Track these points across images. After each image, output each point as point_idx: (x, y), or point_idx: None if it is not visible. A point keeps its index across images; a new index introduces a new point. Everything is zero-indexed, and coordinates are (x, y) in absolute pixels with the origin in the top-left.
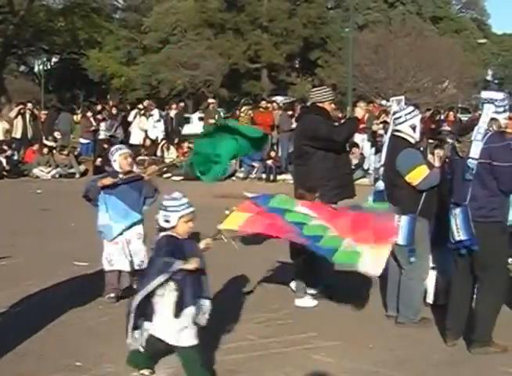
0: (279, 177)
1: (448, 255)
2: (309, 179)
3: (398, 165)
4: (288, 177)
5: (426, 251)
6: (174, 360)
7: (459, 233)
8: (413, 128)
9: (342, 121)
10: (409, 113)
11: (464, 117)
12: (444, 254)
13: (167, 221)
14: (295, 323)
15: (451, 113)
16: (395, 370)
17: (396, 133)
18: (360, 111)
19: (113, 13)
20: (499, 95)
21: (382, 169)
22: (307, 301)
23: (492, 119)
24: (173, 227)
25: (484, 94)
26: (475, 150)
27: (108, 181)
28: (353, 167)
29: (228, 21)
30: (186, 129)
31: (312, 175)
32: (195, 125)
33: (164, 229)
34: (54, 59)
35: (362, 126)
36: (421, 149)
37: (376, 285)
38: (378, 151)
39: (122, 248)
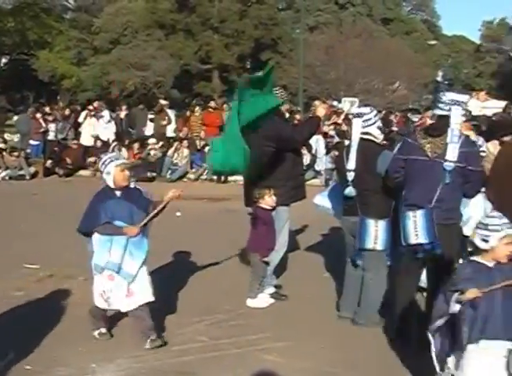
0: (230, 178)
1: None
2: (268, 180)
3: (380, 169)
4: (239, 178)
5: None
6: (126, 363)
7: (417, 235)
8: (380, 129)
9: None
10: (376, 114)
11: (415, 118)
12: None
13: (484, 240)
14: (247, 324)
15: (398, 114)
16: (348, 370)
17: (365, 136)
18: (322, 110)
19: (64, 14)
20: (465, 98)
21: (352, 174)
22: (259, 302)
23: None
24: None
25: (453, 96)
26: (452, 153)
27: (136, 230)
28: (304, 167)
29: (180, 22)
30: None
31: (271, 176)
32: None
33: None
34: (4, 60)
35: None
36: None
37: (329, 286)
38: (328, 152)
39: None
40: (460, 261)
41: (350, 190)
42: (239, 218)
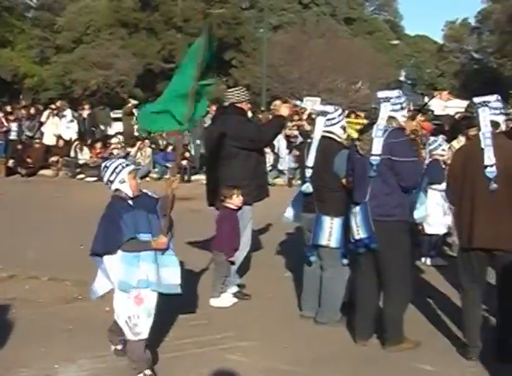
0: (193, 177)
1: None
2: (232, 179)
3: (336, 167)
4: (202, 177)
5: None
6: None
7: (358, 231)
8: (343, 128)
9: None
10: (341, 114)
11: None
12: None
13: None
14: (210, 324)
15: (360, 113)
16: (311, 368)
17: (327, 134)
18: (285, 110)
19: (26, 12)
20: (394, 93)
21: (310, 171)
22: (222, 302)
23: (390, 117)
24: None
25: (380, 94)
26: (377, 146)
27: (165, 240)
28: (270, 167)
29: (143, 21)
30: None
31: (236, 175)
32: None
33: None
34: None
35: None
36: None
37: (292, 285)
38: (292, 151)
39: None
40: (426, 261)
41: (307, 186)
42: (202, 217)
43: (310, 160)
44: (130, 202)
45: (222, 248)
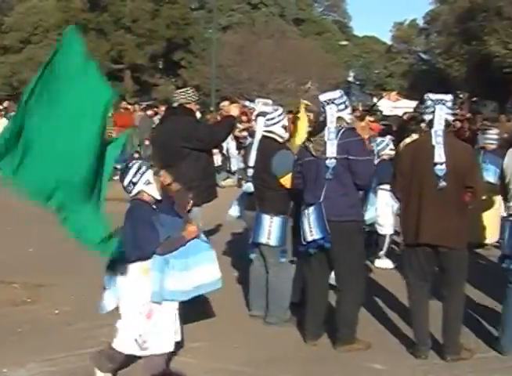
0: None
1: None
2: (182, 181)
3: (274, 167)
4: None
5: (291, 251)
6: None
7: (312, 232)
8: (285, 128)
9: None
10: (281, 113)
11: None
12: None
13: None
14: None
15: (311, 114)
16: (261, 368)
17: (267, 134)
18: (235, 110)
19: None
20: (337, 94)
21: (251, 170)
22: None
23: (338, 118)
24: None
25: (323, 97)
26: (331, 149)
27: (195, 228)
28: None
29: (91, 21)
30: None
31: (187, 177)
32: None
33: None
34: None
35: None
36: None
37: (242, 285)
38: (241, 152)
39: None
40: (378, 261)
41: (248, 186)
42: None
43: (251, 160)
44: (153, 205)
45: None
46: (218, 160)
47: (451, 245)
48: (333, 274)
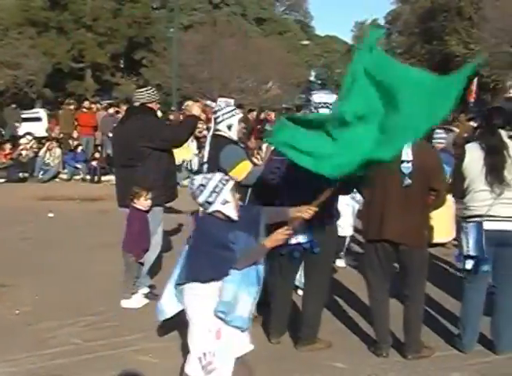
0: (103, 178)
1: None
2: (145, 180)
3: (222, 162)
4: (112, 178)
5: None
6: None
7: (295, 235)
8: (229, 127)
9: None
10: (227, 113)
11: None
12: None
13: None
14: (121, 325)
15: (272, 112)
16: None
17: (217, 132)
18: (197, 109)
19: None
20: (333, 98)
21: (206, 167)
22: (133, 303)
23: None
24: None
25: (319, 97)
26: None
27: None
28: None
29: (52, 20)
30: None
31: (149, 176)
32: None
33: None
34: None
35: None
36: (242, 146)
37: None
38: (201, 151)
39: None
40: (339, 261)
41: None
42: (112, 218)
43: (205, 157)
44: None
45: (131, 249)
46: (178, 159)
47: (413, 244)
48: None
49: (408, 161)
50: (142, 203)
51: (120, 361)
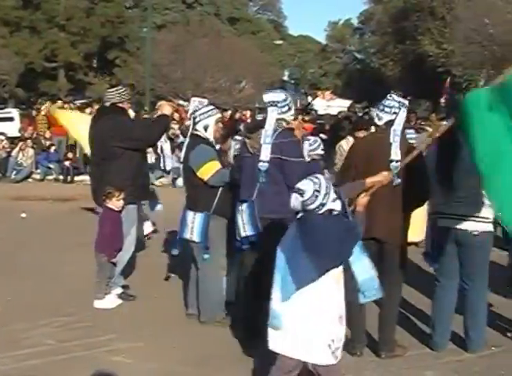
0: (76, 178)
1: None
2: (117, 180)
3: (190, 160)
4: (86, 178)
5: (222, 249)
6: None
7: (245, 228)
8: (205, 127)
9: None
10: (204, 113)
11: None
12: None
13: None
14: (95, 326)
15: (247, 112)
16: (197, 367)
17: (194, 132)
18: (168, 108)
19: None
20: (281, 97)
21: (182, 167)
22: (107, 303)
23: (278, 119)
24: None
25: (267, 97)
26: (265, 152)
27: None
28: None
29: (24, 19)
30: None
31: (120, 176)
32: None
33: None
34: None
35: None
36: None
37: (177, 285)
38: (174, 151)
39: None
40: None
41: (179, 182)
42: (85, 218)
43: (181, 157)
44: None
45: (103, 249)
46: (151, 158)
47: (397, 243)
48: None
49: (397, 161)
50: (115, 203)
51: (93, 362)
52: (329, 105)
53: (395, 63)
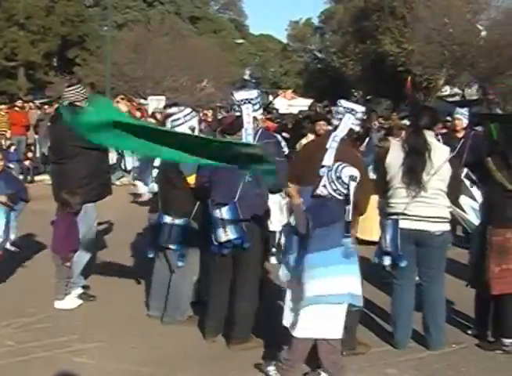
0: (36, 178)
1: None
2: (73, 179)
3: (182, 168)
4: (46, 177)
5: (196, 254)
6: None
7: (227, 232)
8: (192, 129)
9: None
10: (188, 114)
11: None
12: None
13: None
14: (55, 327)
15: (208, 111)
16: (158, 368)
17: None
18: (124, 107)
19: None
20: (253, 94)
21: (156, 171)
22: (67, 304)
23: (254, 118)
24: None
25: (240, 95)
26: None
27: None
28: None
29: None
30: None
31: (77, 175)
32: None
33: None
34: None
35: None
36: None
37: (138, 285)
38: None
39: None
40: (271, 258)
41: (152, 186)
42: (46, 218)
43: (156, 161)
44: None
45: (58, 251)
46: (112, 158)
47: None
48: None
49: (328, 166)
50: (70, 207)
51: (54, 363)
52: (291, 104)
53: (356, 62)
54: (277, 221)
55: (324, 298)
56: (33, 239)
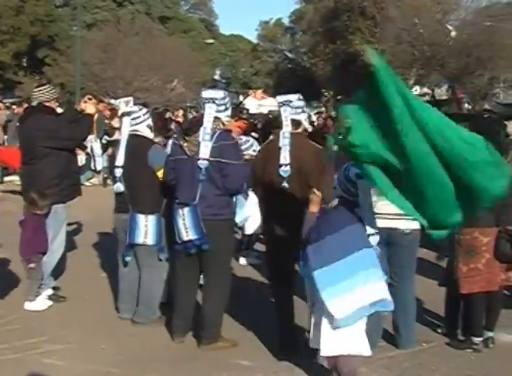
0: (6, 178)
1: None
2: (43, 179)
3: (151, 159)
4: (16, 178)
5: (166, 251)
6: None
7: (187, 232)
8: (150, 127)
9: None
10: (146, 113)
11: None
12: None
13: None
14: (24, 328)
15: (179, 111)
16: (128, 369)
17: (135, 132)
18: (92, 107)
19: None
20: (220, 94)
21: (119, 170)
22: (37, 305)
23: (215, 118)
24: None
25: (205, 94)
26: (205, 150)
27: None
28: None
29: None
30: None
31: (46, 175)
32: None
33: None
34: None
35: None
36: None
37: (108, 286)
38: (105, 151)
39: None
40: (241, 260)
41: (118, 186)
42: (15, 219)
43: (119, 160)
44: None
45: (25, 253)
46: (82, 159)
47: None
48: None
49: (286, 165)
50: (38, 208)
51: (24, 364)
52: (261, 104)
53: (326, 62)
54: (254, 224)
55: (353, 316)
56: (2, 239)
